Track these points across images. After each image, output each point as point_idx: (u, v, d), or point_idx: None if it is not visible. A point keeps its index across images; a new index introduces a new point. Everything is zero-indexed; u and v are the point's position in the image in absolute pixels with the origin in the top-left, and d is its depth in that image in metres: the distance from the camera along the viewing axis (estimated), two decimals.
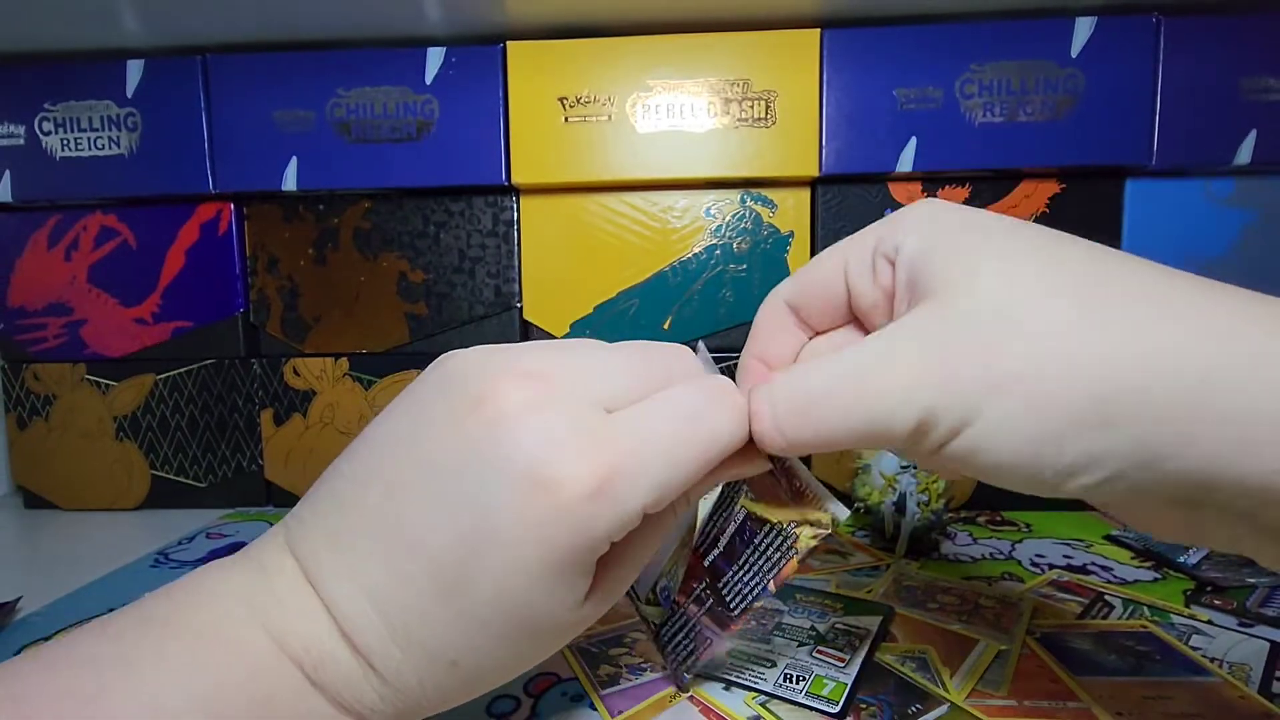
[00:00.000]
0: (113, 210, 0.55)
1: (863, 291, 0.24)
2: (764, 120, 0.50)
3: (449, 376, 0.21)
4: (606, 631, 0.35)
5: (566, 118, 0.51)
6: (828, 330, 0.26)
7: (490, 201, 0.54)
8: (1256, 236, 0.50)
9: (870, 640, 0.33)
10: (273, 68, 0.52)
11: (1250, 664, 0.31)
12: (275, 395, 0.56)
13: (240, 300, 0.56)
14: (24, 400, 0.57)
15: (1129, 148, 0.49)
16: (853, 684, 0.29)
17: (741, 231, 0.53)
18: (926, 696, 0.29)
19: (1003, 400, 0.18)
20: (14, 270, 0.56)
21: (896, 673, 0.31)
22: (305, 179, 0.52)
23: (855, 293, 0.24)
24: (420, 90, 0.51)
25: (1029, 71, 0.49)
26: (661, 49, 0.50)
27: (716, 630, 0.27)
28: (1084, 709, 0.28)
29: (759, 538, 0.26)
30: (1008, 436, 0.18)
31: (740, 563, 0.26)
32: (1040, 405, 0.18)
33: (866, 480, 0.47)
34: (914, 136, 0.49)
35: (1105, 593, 0.39)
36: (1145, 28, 0.48)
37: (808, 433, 0.21)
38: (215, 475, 0.57)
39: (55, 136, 0.53)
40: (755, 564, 0.26)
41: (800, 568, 0.27)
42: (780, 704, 0.28)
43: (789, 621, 0.35)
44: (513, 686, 0.31)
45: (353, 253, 0.55)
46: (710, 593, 0.27)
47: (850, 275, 0.24)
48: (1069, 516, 0.52)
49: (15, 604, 0.38)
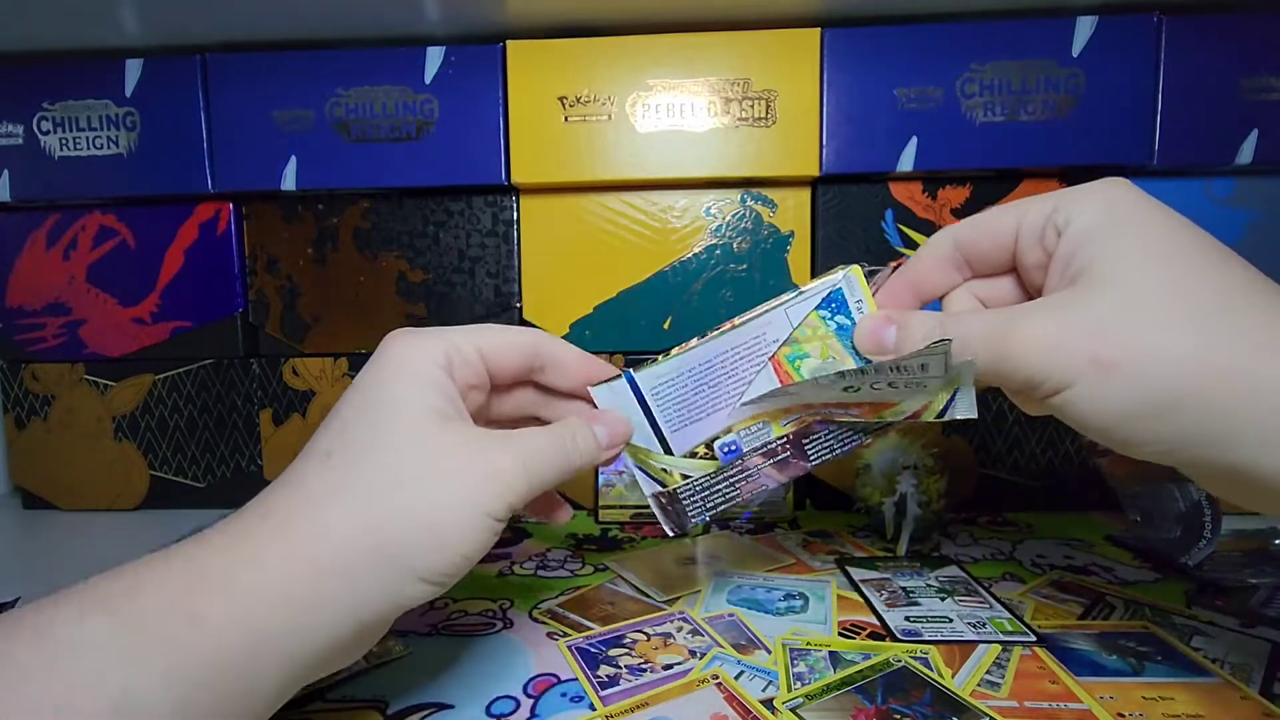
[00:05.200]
0: (111, 210, 0.55)
1: (1028, 249, 0.27)
2: (764, 120, 0.50)
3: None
4: (606, 632, 0.35)
5: (566, 117, 0.51)
6: (986, 275, 0.29)
7: (490, 201, 0.54)
8: (1258, 236, 0.50)
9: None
10: (272, 67, 0.52)
11: (1251, 665, 0.31)
12: (274, 395, 0.56)
13: (239, 300, 0.56)
14: (22, 400, 0.57)
15: (1130, 147, 0.49)
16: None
17: (741, 231, 0.53)
18: (963, 709, 0.29)
19: (1096, 378, 0.23)
20: (12, 270, 0.56)
21: (932, 682, 0.31)
22: (304, 178, 0.52)
23: (1022, 249, 0.27)
24: (420, 90, 0.51)
25: (1030, 71, 0.48)
26: (661, 48, 0.50)
27: (774, 475, 0.32)
28: (1085, 710, 0.28)
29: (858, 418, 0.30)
30: (1094, 406, 0.23)
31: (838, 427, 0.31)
32: (1124, 389, 0.22)
33: (867, 480, 0.47)
34: (914, 136, 0.49)
35: (1106, 593, 0.39)
36: (1146, 27, 0.48)
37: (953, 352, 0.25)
38: (214, 475, 0.57)
39: (54, 136, 0.53)
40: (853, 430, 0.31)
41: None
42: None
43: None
44: (513, 687, 0.30)
45: (352, 252, 0.55)
46: (790, 447, 0.32)
47: (1022, 233, 0.27)
48: (1070, 517, 0.52)
49: (14, 604, 0.38)
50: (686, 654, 0.33)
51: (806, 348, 0.30)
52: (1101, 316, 0.23)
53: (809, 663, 0.32)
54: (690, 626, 0.35)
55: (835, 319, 0.30)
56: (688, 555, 0.45)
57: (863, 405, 0.30)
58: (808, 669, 0.31)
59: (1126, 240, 0.24)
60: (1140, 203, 0.24)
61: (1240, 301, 0.23)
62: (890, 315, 0.28)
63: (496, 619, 0.37)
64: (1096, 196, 0.25)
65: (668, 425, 0.31)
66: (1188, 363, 0.22)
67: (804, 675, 0.31)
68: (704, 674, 0.31)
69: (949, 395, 0.28)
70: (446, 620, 0.37)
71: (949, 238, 0.29)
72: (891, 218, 0.52)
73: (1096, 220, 0.24)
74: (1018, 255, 0.27)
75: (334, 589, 0.22)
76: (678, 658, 0.32)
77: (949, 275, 0.29)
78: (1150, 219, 0.24)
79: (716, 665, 0.32)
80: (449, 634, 0.35)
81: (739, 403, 0.31)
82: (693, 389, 0.31)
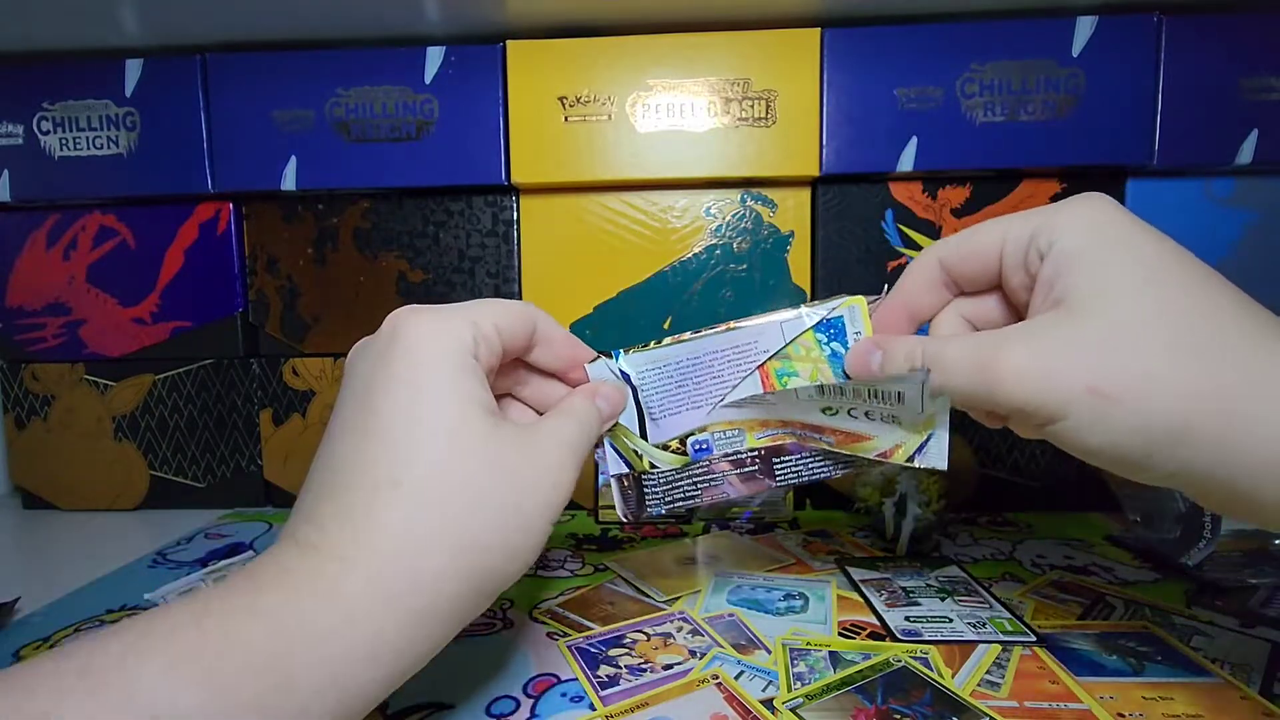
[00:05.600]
0: (111, 210, 0.55)
1: (1012, 270, 0.26)
2: (764, 120, 0.50)
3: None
4: (606, 632, 0.35)
5: (566, 117, 0.51)
6: (973, 294, 0.29)
7: (490, 201, 0.54)
8: (1258, 236, 0.50)
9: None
10: (272, 67, 0.52)
11: (1251, 665, 0.31)
12: (274, 395, 0.56)
13: (239, 300, 0.56)
14: (22, 400, 0.57)
15: (1130, 147, 0.49)
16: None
17: (741, 231, 0.53)
18: (963, 709, 0.29)
19: (1088, 407, 0.22)
20: (12, 270, 0.56)
21: (932, 682, 0.31)
22: (304, 178, 0.52)
23: (1006, 269, 0.26)
24: (420, 90, 0.51)
25: (1030, 71, 0.48)
26: (661, 48, 0.50)
27: (737, 486, 0.32)
28: (1085, 710, 0.28)
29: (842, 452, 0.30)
30: (1093, 436, 0.23)
31: (811, 453, 0.31)
32: (1123, 419, 0.22)
33: (866, 480, 0.47)
34: (914, 136, 0.49)
35: (1106, 593, 0.39)
36: (1146, 27, 0.48)
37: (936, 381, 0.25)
38: (214, 475, 0.57)
39: (54, 136, 0.53)
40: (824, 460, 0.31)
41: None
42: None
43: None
44: (513, 687, 0.30)
45: (352, 252, 0.55)
46: (759, 462, 0.31)
47: (1005, 253, 0.26)
48: (1070, 517, 0.52)
49: (14, 604, 0.38)
50: (686, 654, 0.33)
51: (797, 366, 0.30)
52: (1095, 344, 0.22)
53: (809, 663, 0.32)
54: (690, 626, 0.35)
55: (830, 344, 0.30)
56: (688, 555, 0.45)
57: (838, 433, 0.30)
58: (808, 669, 0.31)
59: (1114, 263, 0.23)
60: (1125, 223, 0.24)
61: (1231, 326, 0.22)
62: (877, 340, 0.28)
63: (496, 619, 0.37)
64: (1080, 216, 0.24)
65: (648, 411, 0.32)
66: (1187, 392, 0.21)
67: (804, 675, 0.31)
68: (704, 674, 0.31)
69: (922, 439, 0.28)
70: None
71: (934, 257, 0.28)
72: (891, 218, 0.52)
73: (1081, 242, 0.24)
74: (1003, 275, 0.27)
75: (427, 633, 0.22)
76: (678, 658, 0.32)
77: (938, 294, 0.29)
78: (1136, 240, 0.23)
79: (716, 665, 0.32)
80: None
81: (720, 403, 0.31)
82: (677, 381, 0.31)
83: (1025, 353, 0.23)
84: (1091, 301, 0.23)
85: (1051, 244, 0.24)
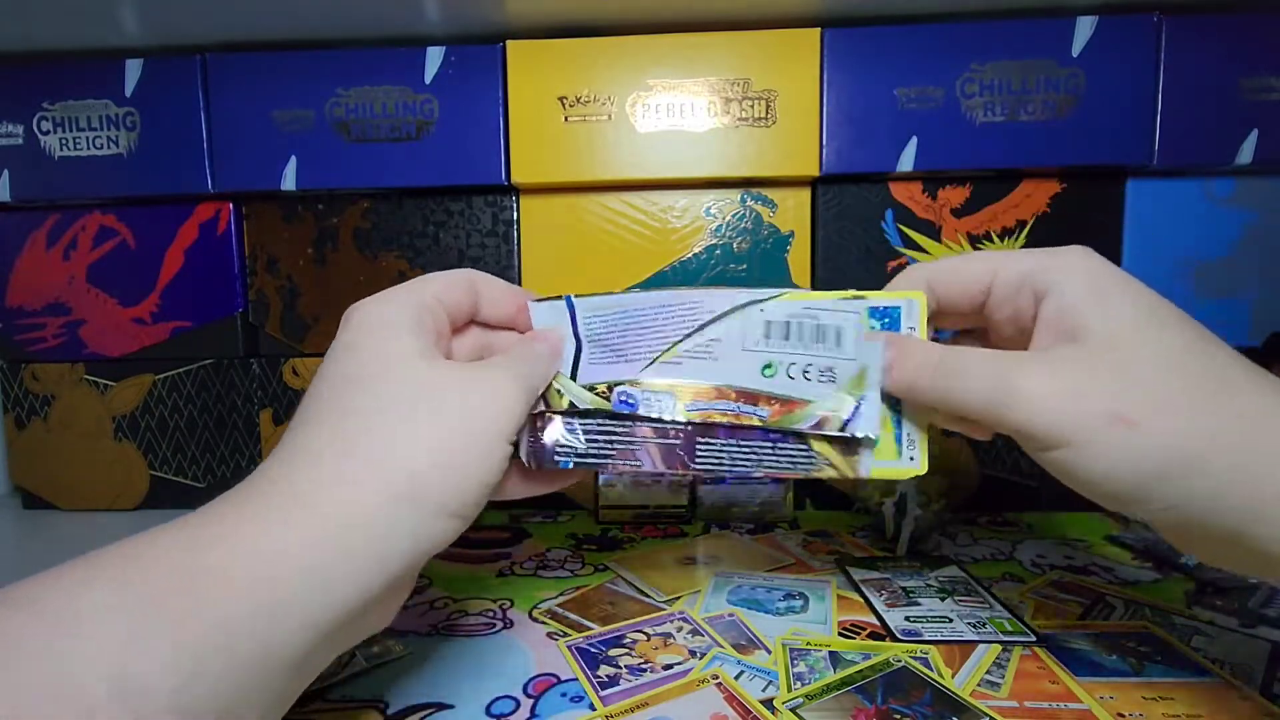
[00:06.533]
0: (111, 210, 0.55)
1: (1000, 304, 0.27)
2: (764, 120, 0.50)
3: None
4: (606, 632, 0.35)
5: (566, 117, 0.51)
6: (951, 316, 0.30)
7: (490, 201, 0.54)
8: (1258, 236, 0.50)
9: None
10: (272, 67, 0.52)
11: (1251, 665, 0.31)
12: (274, 395, 0.56)
13: (239, 300, 0.56)
14: (22, 400, 0.57)
15: (1130, 147, 0.49)
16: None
17: (741, 231, 0.53)
18: (963, 709, 0.29)
19: (1105, 433, 0.23)
20: (12, 270, 0.56)
21: (932, 682, 0.31)
22: (304, 178, 0.52)
23: (994, 303, 0.28)
24: (420, 90, 0.51)
25: (1030, 71, 0.48)
26: (661, 48, 0.50)
27: (654, 458, 0.30)
28: (1085, 710, 0.28)
29: (787, 443, 0.29)
30: (1108, 464, 0.23)
31: (740, 441, 0.30)
32: (1142, 446, 0.23)
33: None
34: (914, 136, 0.49)
35: (1106, 593, 0.39)
36: (1146, 27, 0.48)
37: (939, 391, 0.26)
38: (214, 475, 0.57)
39: (54, 136, 0.53)
40: (759, 454, 0.30)
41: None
42: None
43: None
44: (513, 687, 0.30)
45: (352, 252, 0.55)
46: (683, 437, 0.30)
47: (996, 287, 0.27)
48: (1070, 517, 0.52)
49: None
50: (686, 654, 0.33)
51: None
52: (1116, 373, 0.23)
53: (809, 663, 0.32)
54: (690, 626, 0.35)
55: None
56: (688, 555, 0.45)
57: (774, 401, 0.29)
58: (808, 669, 0.31)
59: (1121, 305, 0.24)
60: (1119, 273, 0.25)
61: (1233, 364, 0.24)
62: (891, 337, 0.28)
63: (496, 619, 0.37)
64: (1077, 263, 0.26)
65: (587, 357, 0.31)
66: (1205, 421, 0.22)
67: (804, 675, 0.31)
68: (704, 674, 0.31)
69: (854, 402, 0.28)
70: (446, 620, 0.37)
71: (923, 277, 0.29)
72: (891, 218, 0.52)
73: (1085, 284, 0.25)
74: (988, 306, 0.28)
75: (362, 542, 0.22)
76: (678, 658, 0.32)
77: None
78: (1133, 288, 0.25)
79: (716, 665, 0.32)
80: (449, 634, 0.35)
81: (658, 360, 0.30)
82: (620, 329, 0.30)
83: (1045, 375, 0.24)
84: (1107, 337, 0.24)
85: (1050, 285, 0.25)
